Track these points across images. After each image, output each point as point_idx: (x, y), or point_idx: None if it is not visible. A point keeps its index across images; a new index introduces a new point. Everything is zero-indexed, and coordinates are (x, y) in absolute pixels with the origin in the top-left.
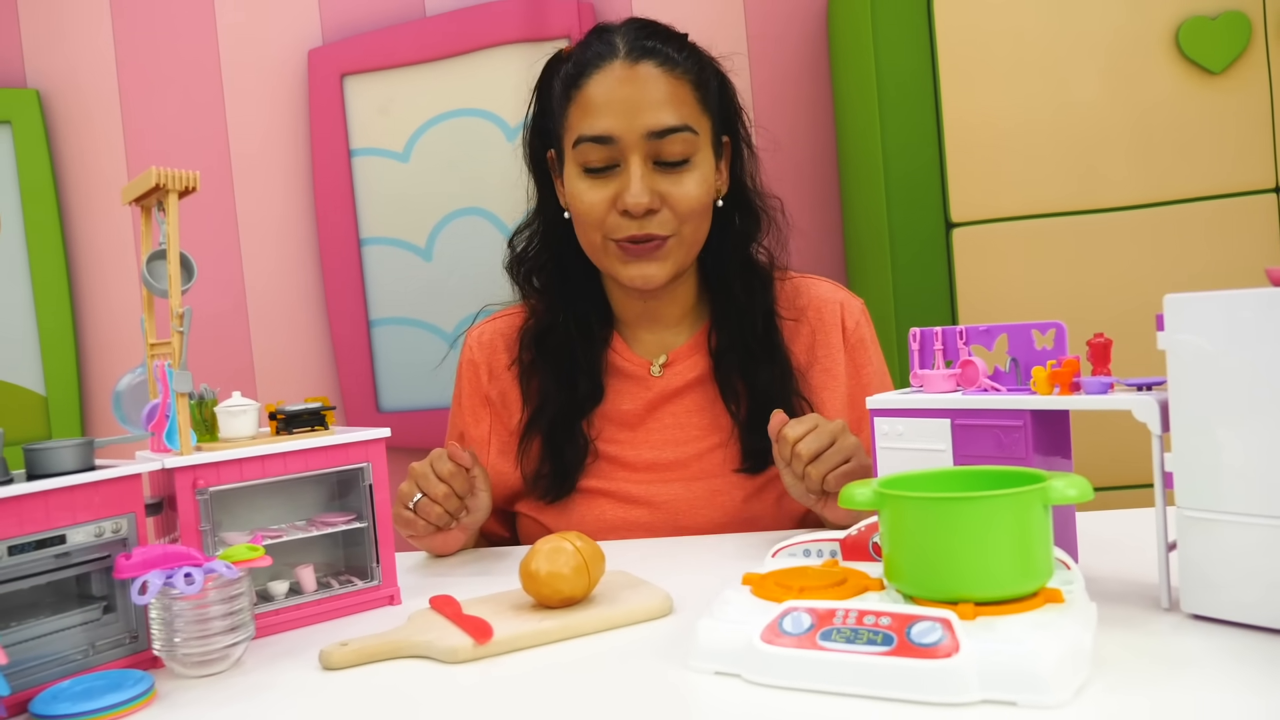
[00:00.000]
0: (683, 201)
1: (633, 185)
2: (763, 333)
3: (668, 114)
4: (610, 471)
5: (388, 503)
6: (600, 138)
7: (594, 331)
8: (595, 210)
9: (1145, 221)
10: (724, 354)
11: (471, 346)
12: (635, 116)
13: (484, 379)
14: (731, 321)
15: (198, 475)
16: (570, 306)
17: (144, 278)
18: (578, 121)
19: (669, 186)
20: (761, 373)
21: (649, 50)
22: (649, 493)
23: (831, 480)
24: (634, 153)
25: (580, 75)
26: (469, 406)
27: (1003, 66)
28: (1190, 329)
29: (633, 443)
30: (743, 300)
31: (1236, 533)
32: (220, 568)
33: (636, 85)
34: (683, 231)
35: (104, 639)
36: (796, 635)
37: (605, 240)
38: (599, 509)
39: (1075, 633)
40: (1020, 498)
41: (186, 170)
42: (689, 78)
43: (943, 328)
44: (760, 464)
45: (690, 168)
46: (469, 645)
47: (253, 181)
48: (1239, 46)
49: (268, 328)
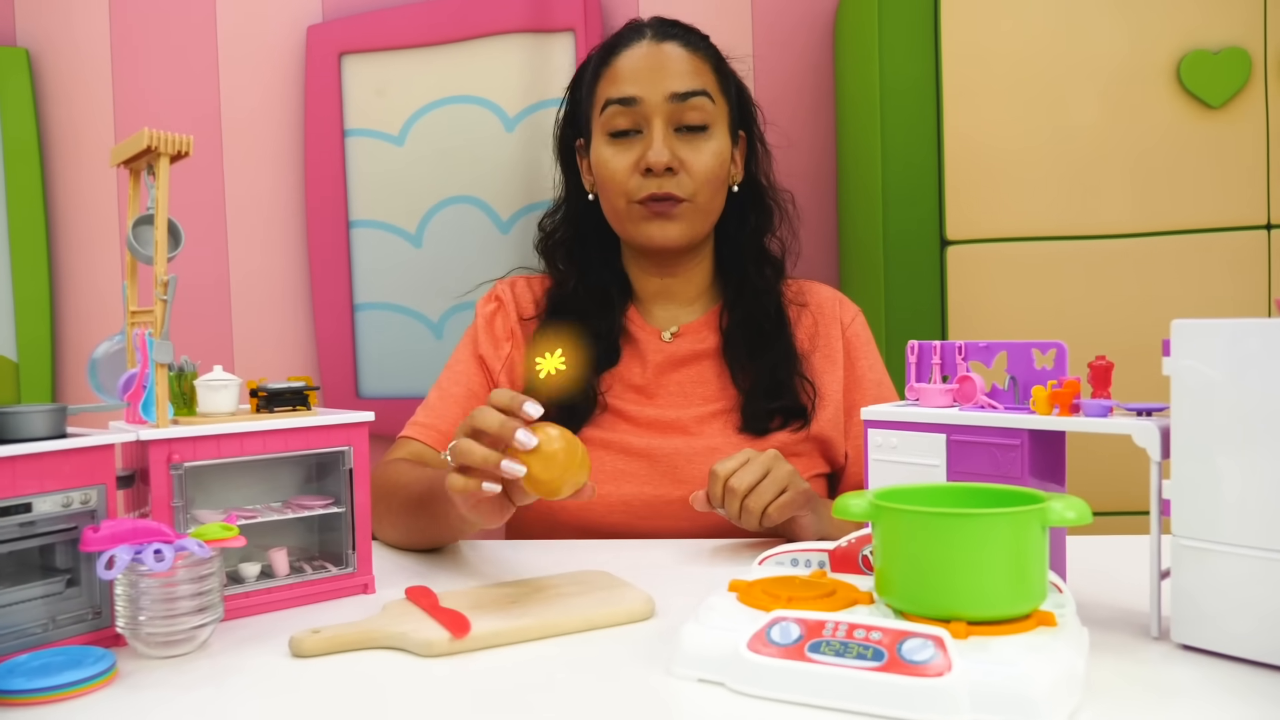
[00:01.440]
0: (700, 167)
1: (655, 144)
2: (774, 315)
3: (690, 79)
4: (614, 424)
5: (367, 488)
6: (626, 99)
7: (613, 301)
8: (620, 174)
9: (1138, 250)
10: (734, 331)
11: (500, 289)
12: (659, 81)
13: (512, 315)
14: (746, 301)
15: (173, 449)
16: (590, 278)
17: (129, 242)
18: (605, 89)
19: (688, 152)
20: (769, 353)
21: (674, 34)
22: (650, 445)
23: (772, 512)
24: (657, 115)
25: (609, 55)
26: (489, 338)
27: (1006, 88)
28: (1196, 356)
29: (639, 402)
30: (757, 284)
31: (1232, 564)
32: (192, 546)
33: (661, 57)
34: (698, 198)
35: (65, 613)
36: (784, 646)
37: (629, 204)
38: (599, 459)
39: (1068, 657)
40: (1019, 517)
41: (179, 134)
42: (710, 61)
43: (941, 342)
44: (760, 428)
45: (708, 136)
46: (445, 639)
47: (243, 155)
48: (1239, 82)
49: (249, 304)
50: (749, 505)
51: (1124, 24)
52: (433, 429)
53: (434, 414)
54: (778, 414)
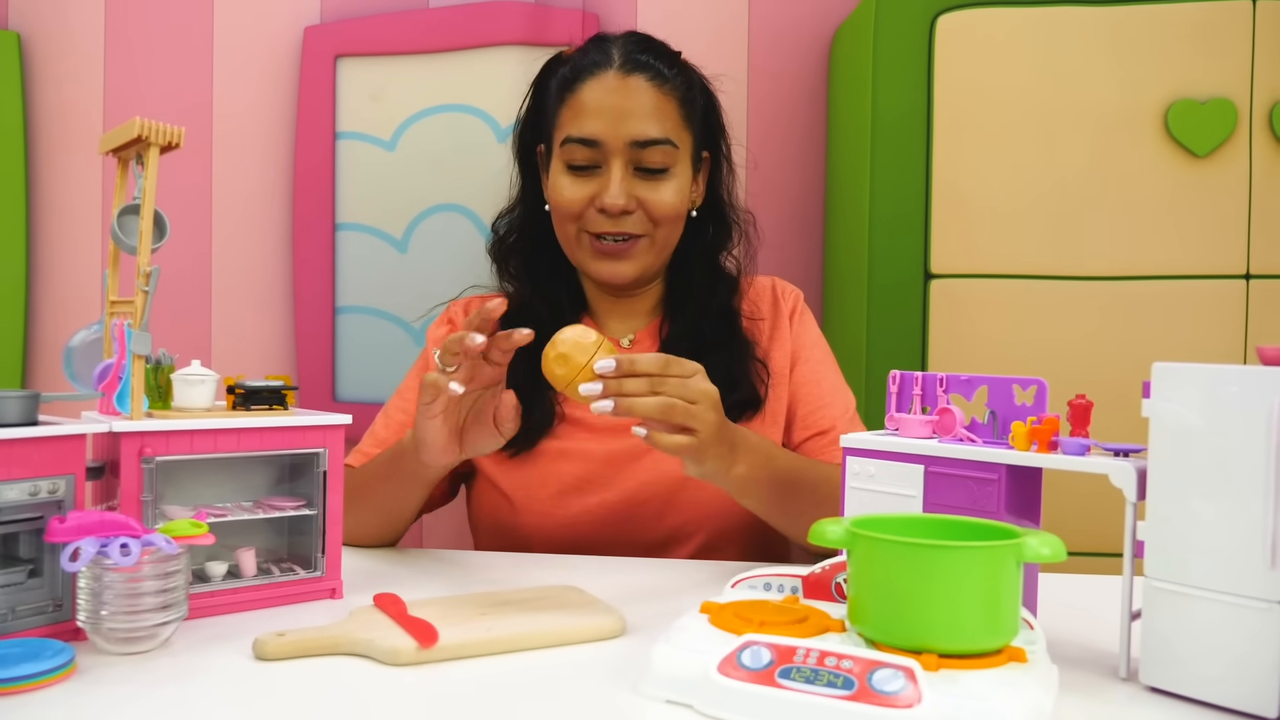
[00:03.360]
0: (658, 207)
1: (612, 187)
2: (720, 325)
3: (652, 126)
4: (573, 433)
5: (339, 491)
6: (587, 140)
7: (565, 312)
8: (574, 205)
9: (1118, 293)
10: (673, 342)
11: (453, 311)
12: (621, 124)
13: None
14: (687, 314)
15: (145, 443)
16: (544, 289)
17: (113, 231)
18: (568, 122)
19: (646, 192)
20: (719, 352)
21: (642, 64)
22: (610, 451)
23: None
24: (616, 157)
25: (575, 80)
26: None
27: (996, 127)
28: (1176, 398)
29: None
30: (702, 300)
31: (1203, 608)
32: (160, 541)
33: (626, 95)
34: (655, 235)
35: (25, 604)
36: (755, 670)
37: (580, 233)
38: (559, 469)
39: (1037, 695)
40: (994, 551)
41: (170, 124)
42: (676, 95)
43: (923, 373)
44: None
45: (668, 177)
46: (411, 648)
47: (233, 151)
48: (1224, 132)
49: (229, 301)
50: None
51: (1115, 71)
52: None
53: (377, 443)
54: (734, 408)
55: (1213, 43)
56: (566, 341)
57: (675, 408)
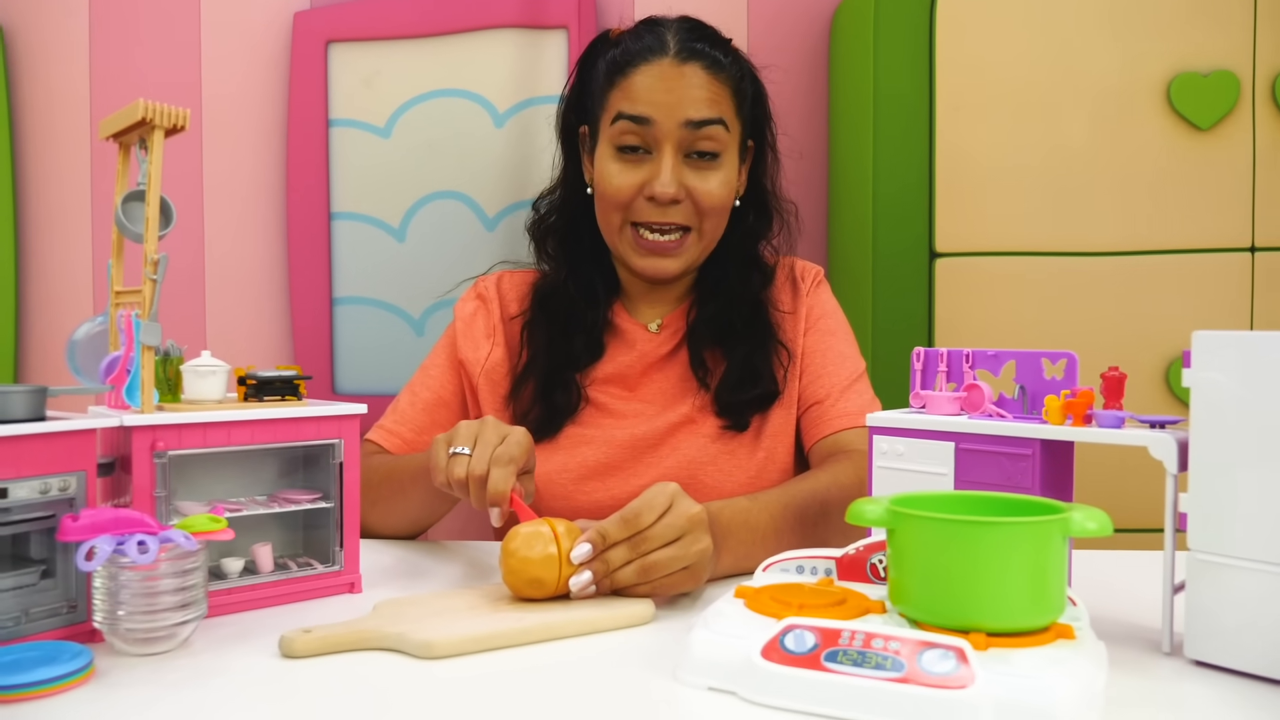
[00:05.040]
0: (706, 197)
1: (663, 174)
2: (749, 315)
3: (707, 108)
4: (595, 418)
5: (356, 483)
6: (640, 118)
7: (598, 297)
8: (622, 193)
9: (1124, 269)
10: (698, 328)
11: (483, 287)
12: (675, 106)
13: (495, 313)
14: (718, 302)
15: (157, 436)
16: (578, 273)
17: (117, 219)
18: (619, 101)
19: (696, 181)
20: (739, 348)
21: (698, 52)
22: (634, 437)
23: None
24: (668, 140)
25: (628, 64)
26: (469, 340)
27: (998, 103)
28: (1219, 367)
29: (625, 397)
30: (734, 289)
31: (1250, 579)
32: (178, 538)
33: (682, 81)
34: (703, 227)
35: (39, 606)
36: (799, 654)
37: (625, 224)
38: (581, 455)
39: (1089, 671)
40: (1042, 527)
41: (173, 106)
42: (730, 83)
43: (948, 349)
44: (740, 420)
45: (718, 165)
46: (445, 640)
47: (223, 141)
48: (1227, 105)
49: (225, 293)
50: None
51: (1116, 44)
52: (398, 436)
53: (402, 420)
54: (754, 402)
55: (1213, 15)
56: (528, 563)
57: (658, 565)
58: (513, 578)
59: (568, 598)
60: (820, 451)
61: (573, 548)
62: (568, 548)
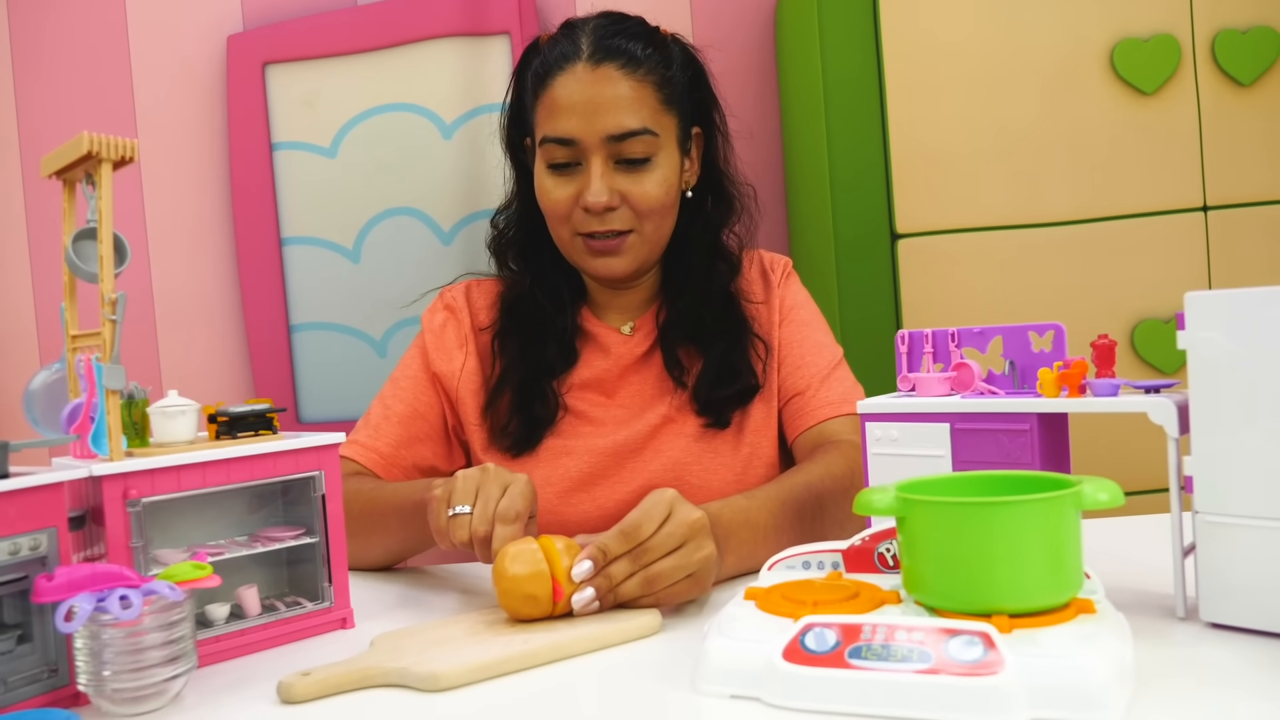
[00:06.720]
0: (642, 200)
1: (593, 184)
2: (721, 310)
3: (628, 117)
4: (577, 428)
5: (340, 515)
6: (562, 139)
7: (565, 302)
8: (560, 207)
9: (1082, 236)
10: (669, 328)
11: (450, 297)
12: (595, 119)
13: (465, 323)
14: (686, 299)
15: (129, 484)
16: (544, 280)
17: (68, 259)
18: (543, 121)
19: (628, 185)
20: (715, 345)
21: (613, 51)
22: (616, 444)
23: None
24: (595, 154)
25: (546, 75)
26: (441, 352)
27: (947, 81)
28: (1214, 327)
29: (603, 403)
30: (700, 283)
31: (1260, 537)
32: (162, 589)
33: (598, 88)
34: (643, 228)
35: (17, 674)
36: (822, 653)
37: (573, 235)
38: (563, 467)
39: (1117, 644)
40: (1055, 503)
41: (120, 137)
42: (653, 78)
43: (933, 329)
44: (721, 418)
45: (651, 167)
46: (451, 671)
47: (163, 174)
48: (1169, 68)
49: (176, 332)
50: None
51: (1058, 14)
52: (374, 451)
53: (376, 434)
54: (734, 398)
55: None
56: (520, 580)
57: (661, 576)
58: (507, 599)
59: (571, 615)
60: (805, 443)
61: (573, 565)
62: (568, 565)
